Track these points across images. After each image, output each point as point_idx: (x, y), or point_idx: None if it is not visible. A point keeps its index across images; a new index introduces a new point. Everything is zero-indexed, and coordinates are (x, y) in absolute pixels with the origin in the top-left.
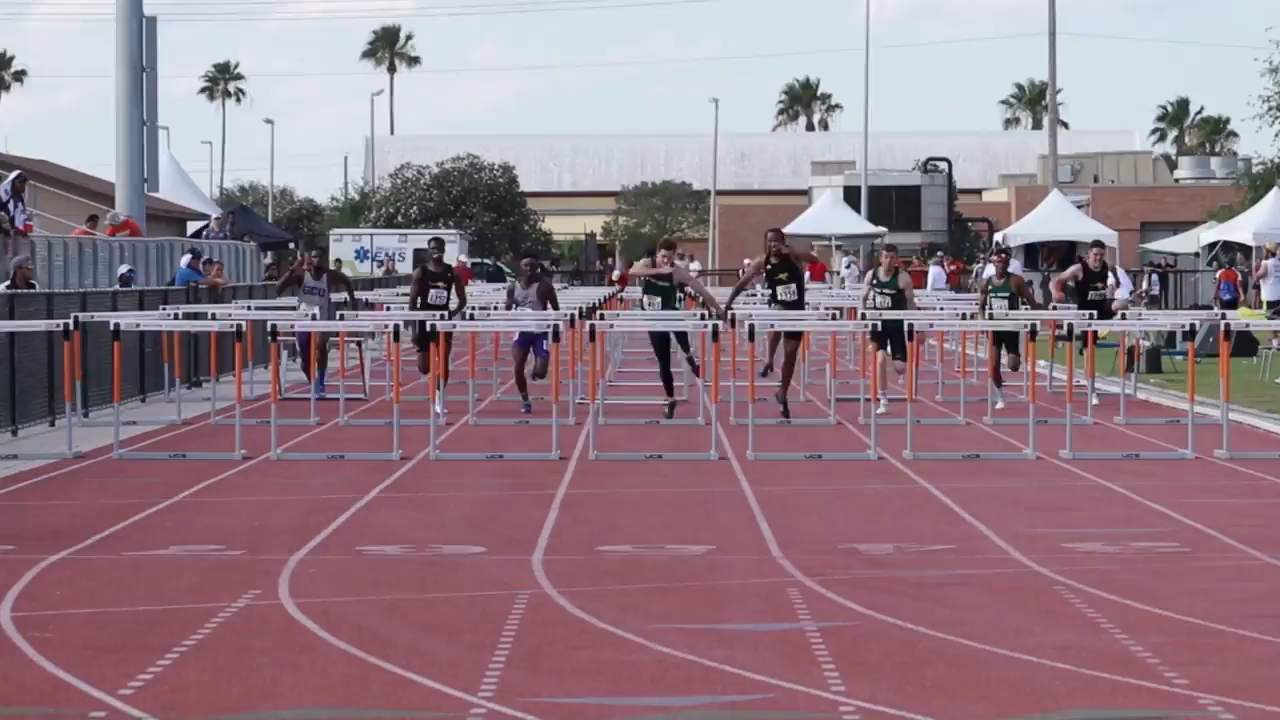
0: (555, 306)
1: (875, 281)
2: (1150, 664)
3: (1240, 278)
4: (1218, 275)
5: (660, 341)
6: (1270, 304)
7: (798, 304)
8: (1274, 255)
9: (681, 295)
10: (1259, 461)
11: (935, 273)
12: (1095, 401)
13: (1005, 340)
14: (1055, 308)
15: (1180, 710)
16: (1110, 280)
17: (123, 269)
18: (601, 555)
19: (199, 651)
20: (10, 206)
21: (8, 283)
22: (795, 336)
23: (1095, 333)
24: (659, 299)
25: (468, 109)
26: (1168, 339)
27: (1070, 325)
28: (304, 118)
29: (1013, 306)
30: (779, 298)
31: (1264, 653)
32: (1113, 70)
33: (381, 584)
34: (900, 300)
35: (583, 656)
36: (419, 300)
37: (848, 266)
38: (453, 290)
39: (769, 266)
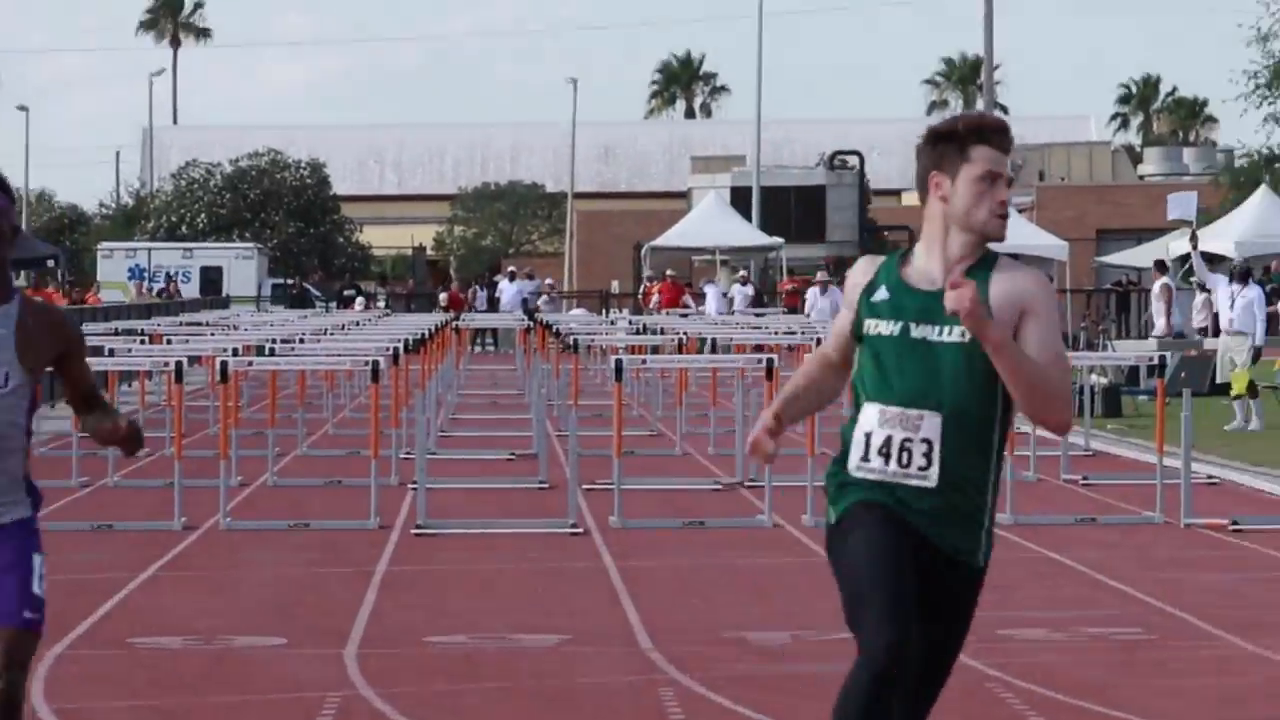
0: None
1: None
2: None
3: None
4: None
5: None
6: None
7: None
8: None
9: None
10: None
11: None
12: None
13: None
14: None
15: None
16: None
17: None
18: (429, 648)
19: None
20: None
21: None
22: None
23: None
24: None
25: (269, 93)
26: (1128, 375)
27: None
28: (66, 103)
29: None
30: None
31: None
32: (1064, 44)
33: (157, 685)
34: None
35: None
36: None
37: (744, 284)
38: None
39: None
